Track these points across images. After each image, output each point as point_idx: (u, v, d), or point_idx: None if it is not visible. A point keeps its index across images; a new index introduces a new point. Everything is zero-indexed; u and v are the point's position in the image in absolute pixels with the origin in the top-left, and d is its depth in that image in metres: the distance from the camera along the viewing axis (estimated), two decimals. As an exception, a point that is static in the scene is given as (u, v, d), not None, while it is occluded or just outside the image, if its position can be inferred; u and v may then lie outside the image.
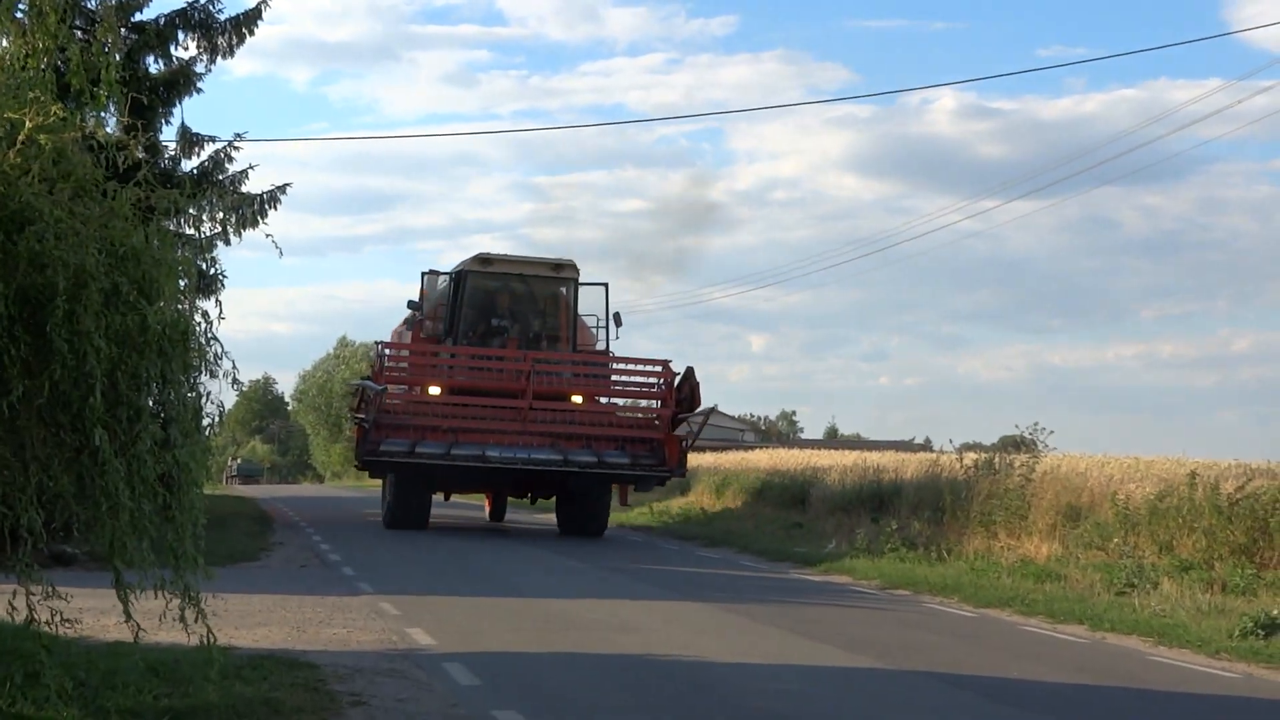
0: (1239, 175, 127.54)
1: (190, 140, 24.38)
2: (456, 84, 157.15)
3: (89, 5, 21.89)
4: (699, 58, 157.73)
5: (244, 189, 24.57)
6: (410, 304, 28.06)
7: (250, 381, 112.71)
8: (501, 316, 27.47)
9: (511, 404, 25.49)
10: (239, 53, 24.80)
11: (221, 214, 23.29)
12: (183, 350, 8.29)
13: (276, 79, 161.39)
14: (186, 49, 24.00)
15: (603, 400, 27.35)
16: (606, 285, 27.74)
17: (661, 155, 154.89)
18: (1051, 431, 25.58)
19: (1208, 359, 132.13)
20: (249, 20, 24.67)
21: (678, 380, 25.81)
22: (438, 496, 29.75)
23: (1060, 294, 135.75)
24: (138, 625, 8.57)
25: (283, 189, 24.60)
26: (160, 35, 23.61)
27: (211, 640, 8.59)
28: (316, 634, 12.34)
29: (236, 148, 24.51)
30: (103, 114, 9.32)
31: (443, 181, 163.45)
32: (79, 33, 8.83)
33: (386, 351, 26.26)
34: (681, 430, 26.23)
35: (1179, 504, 20.42)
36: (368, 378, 25.68)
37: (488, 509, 33.16)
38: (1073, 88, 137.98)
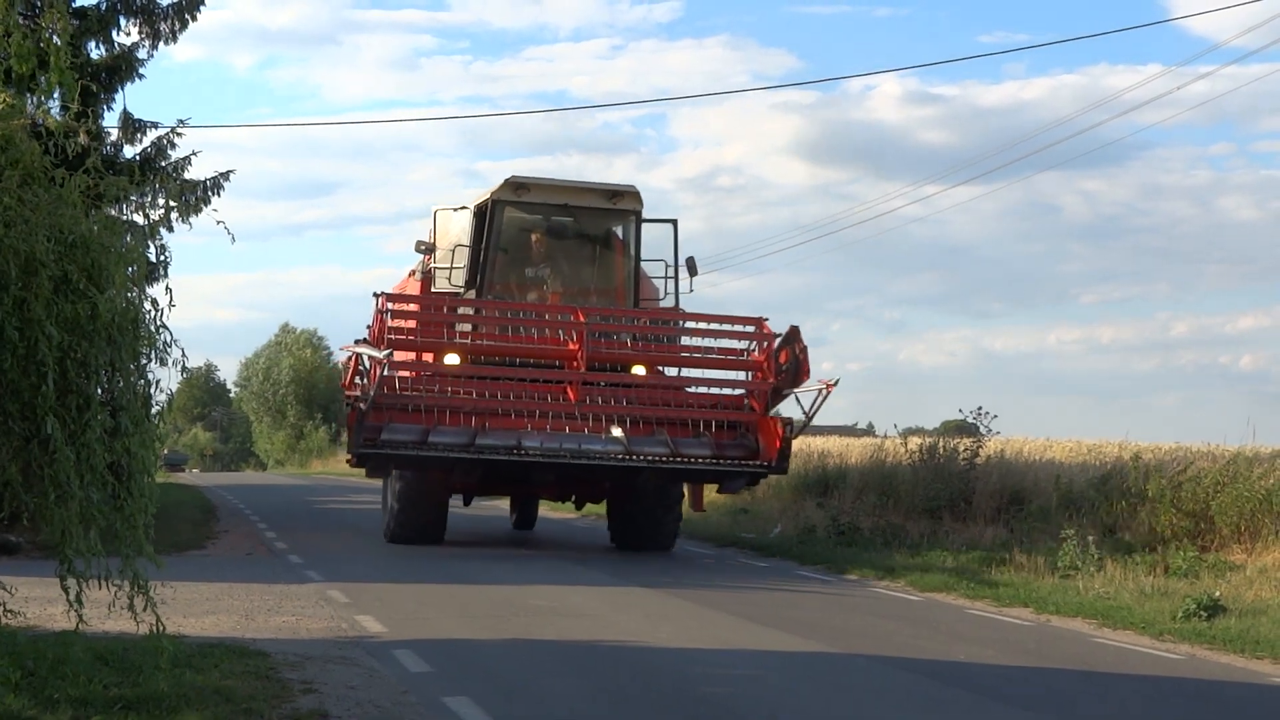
0: (1178, 160, 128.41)
1: (133, 126, 24.16)
2: (400, 69, 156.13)
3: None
4: (643, 43, 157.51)
5: (187, 175, 24.40)
6: (419, 245, 21.61)
7: (192, 368, 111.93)
8: (539, 262, 21.40)
9: (556, 377, 19.79)
10: (180, 38, 24.57)
11: (164, 200, 23.14)
12: (132, 338, 8.29)
13: (218, 64, 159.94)
14: (128, 34, 23.83)
15: (670, 371, 21.20)
16: (675, 222, 21.59)
17: (606, 141, 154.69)
18: (995, 416, 25.57)
19: (1147, 343, 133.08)
20: (191, 5, 24.46)
21: (777, 344, 19.91)
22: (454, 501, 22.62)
23: (1002, 279, 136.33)
24: (79, 616, 8.55)
25: (226, 175, 24.40)
26: (101, 20, 23.37)
27: (161, 629, 8.58)
28: (265, 622, 12.31)
29: (179, 134, 24.32)
30: (48, 100, 9.26)
31: (386, 167, 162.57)
32: (21, 17, 8.77)
33: (389, 308, 19.51)
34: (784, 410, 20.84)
35: (1122, 487, 20.64)
36: (363, 341, 19.29)
37: (511, 513, 26.55)
38: (1013, 73, 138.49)
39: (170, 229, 22.22)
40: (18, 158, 7.88)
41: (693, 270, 21.42)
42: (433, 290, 21.23)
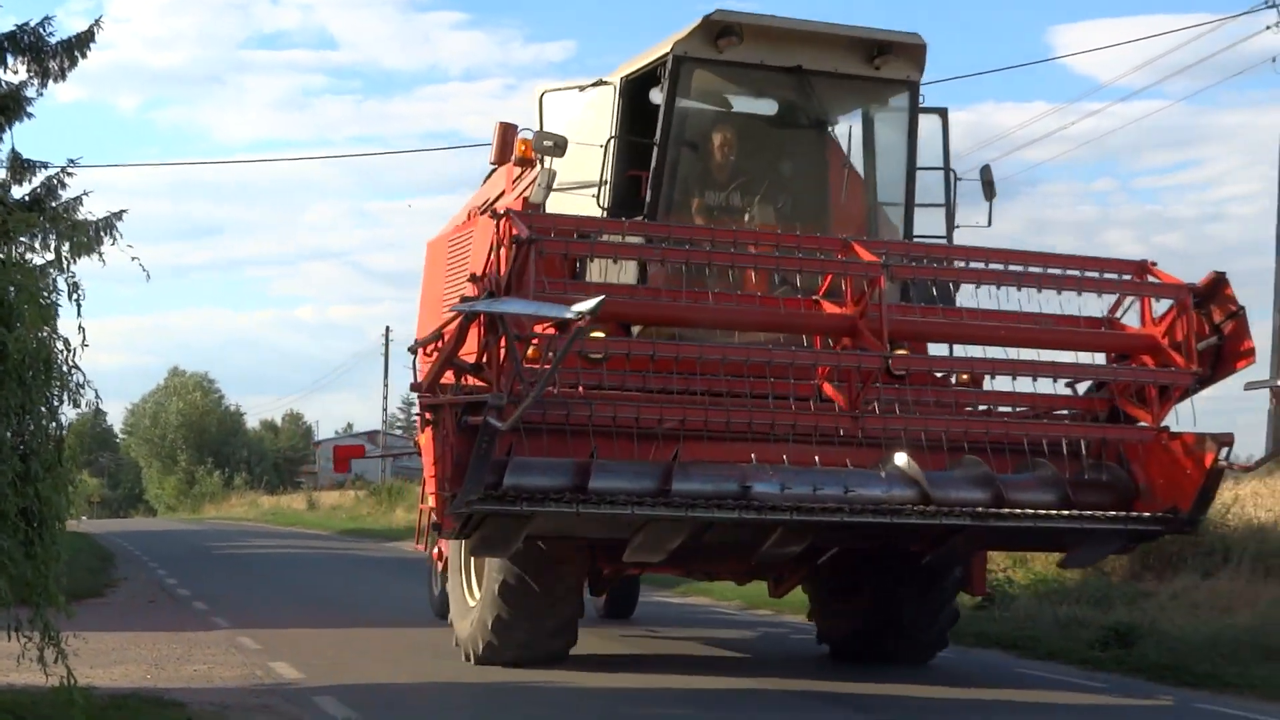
0: (1065, 196, 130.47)
1: (21, 166, 23.74)
2: (289, 109, 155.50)
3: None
4: (536, 82, 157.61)
5: (78, 216, 23.94)
6: (540, 141, 11.55)
7: (77, 414, 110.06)
8: (734, 176, 12.53)
9: (805, 366, 11.03)
10: (69, 76, 24.14)
11: (55, 241, 22.72)
12: (44, 379, 7.99)
13: (103, 105, 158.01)
14: (16, 72, 23.42)
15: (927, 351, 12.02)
16: (945, 111, 12.91)
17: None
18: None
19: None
20: (80, 43, 24.13)
21: (1190, 302, 11.30)
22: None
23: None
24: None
25: (119, 215, 24.05)
26: (-13, 58, 22.97)
27: (72, 681, 8.29)
28: (177, 671, 11.95)
29: (70, 174, 23.93)
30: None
31: (276, 208, 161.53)
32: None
33: (524, 234, 9.84)
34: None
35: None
36: (474, 299, 10.14)
37: (599, 597, 16.69)
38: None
39: (63, 270, 21.84)
40: (-78, 193, 7.59)
41: (990, 189, 13.01)
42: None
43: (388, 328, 78.44)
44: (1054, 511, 11.20)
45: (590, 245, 10.97)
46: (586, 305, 8.88)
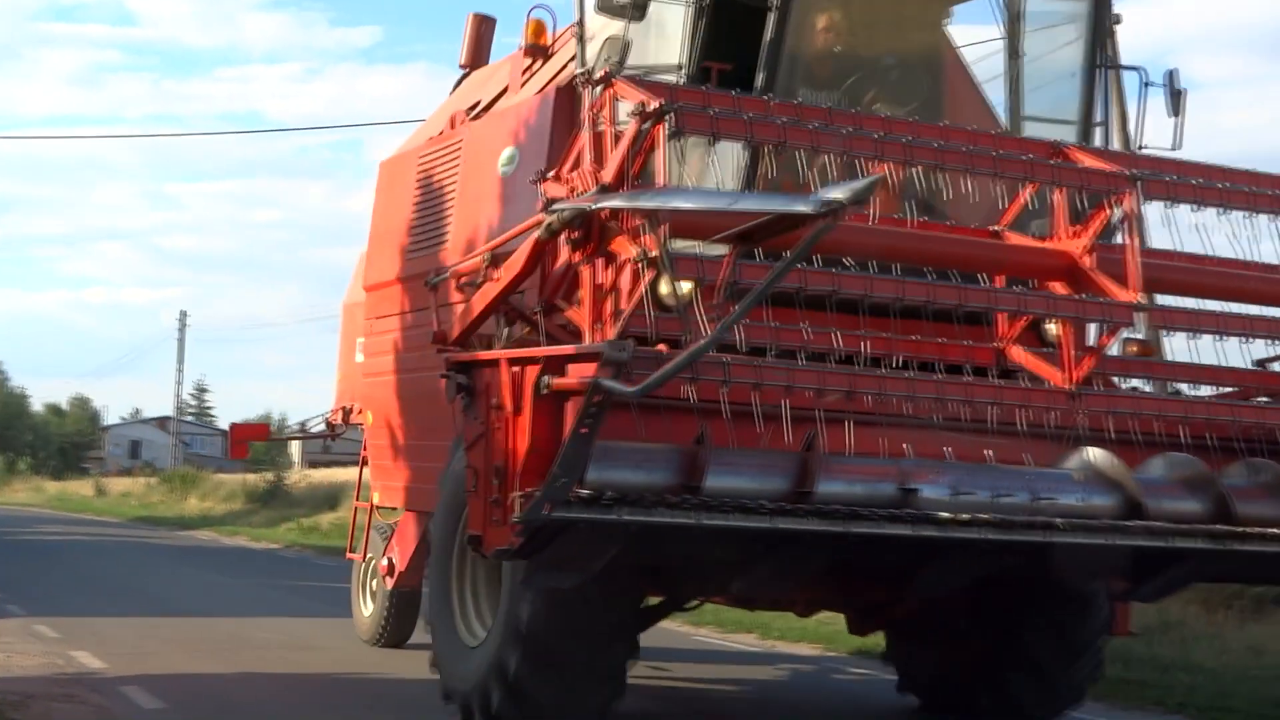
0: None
1: None
2: (83, 85, 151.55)
3: None
4: (340, 67, 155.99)
5: None
6: (607, 1, 8.23)
7: None
8: (864, 64, 9.61)
9: (1045, 309, 8.03)
10: None
11: None
12: None
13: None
14: None
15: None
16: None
17: (300, 166, 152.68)
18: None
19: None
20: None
21: None
22: None
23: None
24: None
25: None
26: None
27: None
28: (-29, 659, 11.56)
29: None
30: None
31: (67, 186, 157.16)
32: None
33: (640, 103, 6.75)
34: None
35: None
36: (546, 203, 7.19)
37: None
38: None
39: None
40: None
41: (1178, 101, 9.61)
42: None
43: (183, 312, 77.00)
44: None
45: (748, 124, 7.09)
46: (844, 191, 5.48)
